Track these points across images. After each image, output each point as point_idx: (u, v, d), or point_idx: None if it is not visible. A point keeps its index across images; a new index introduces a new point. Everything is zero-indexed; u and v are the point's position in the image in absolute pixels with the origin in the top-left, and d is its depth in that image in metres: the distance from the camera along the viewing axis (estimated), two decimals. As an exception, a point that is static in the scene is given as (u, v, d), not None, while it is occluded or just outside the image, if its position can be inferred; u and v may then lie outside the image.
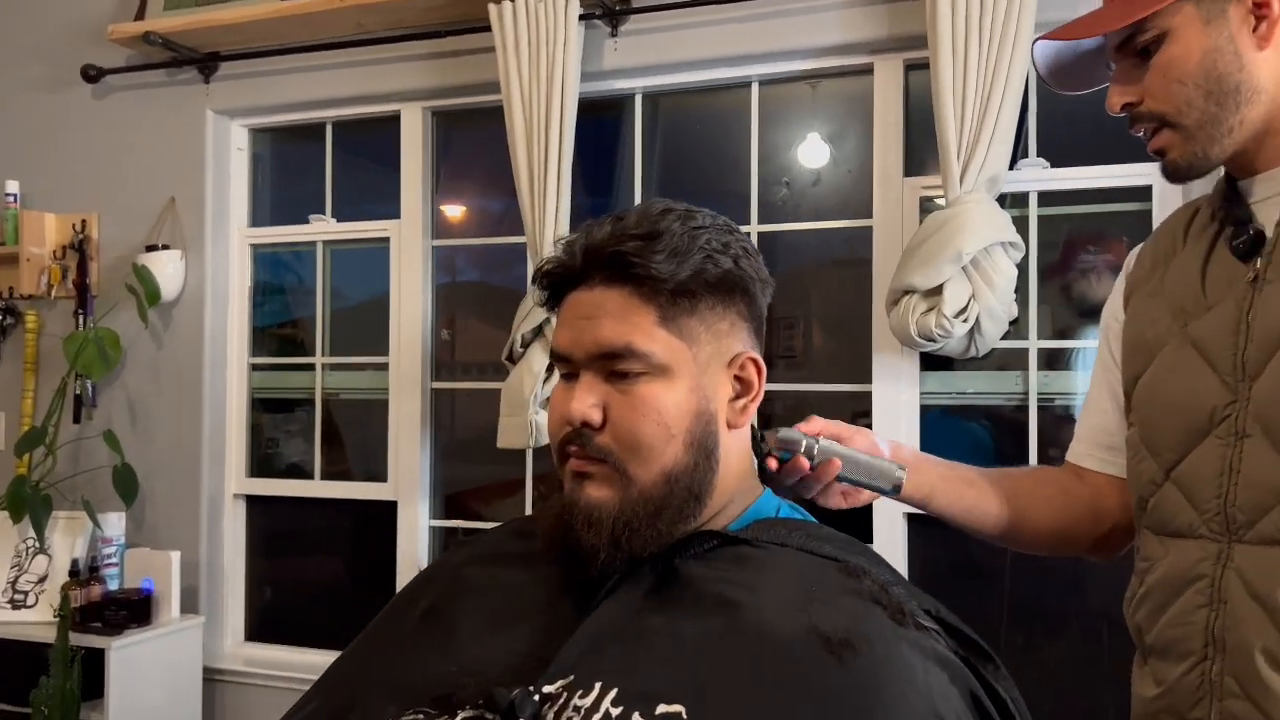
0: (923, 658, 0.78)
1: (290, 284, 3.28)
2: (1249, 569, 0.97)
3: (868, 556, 0.92)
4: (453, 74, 2.84)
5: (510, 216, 2.86)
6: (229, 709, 3.04)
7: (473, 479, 3.12)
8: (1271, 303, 0.99)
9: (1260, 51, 1.00)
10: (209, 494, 3.08)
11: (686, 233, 0.88)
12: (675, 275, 0.86)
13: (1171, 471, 1.06)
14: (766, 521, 0.93)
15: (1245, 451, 0.99)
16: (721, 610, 0.80)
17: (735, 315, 0.92)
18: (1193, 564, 1.02)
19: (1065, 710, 2.37)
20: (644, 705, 0.74)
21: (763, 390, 0.93)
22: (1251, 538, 0.98)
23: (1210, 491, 1.01)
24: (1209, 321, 1.04)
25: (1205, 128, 1.02)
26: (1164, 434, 1.07)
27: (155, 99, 3.13)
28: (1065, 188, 2.41)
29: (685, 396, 0.87)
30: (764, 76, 2.67)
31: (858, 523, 1.55)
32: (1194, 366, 1.04)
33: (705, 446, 0.88)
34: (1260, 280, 1.01)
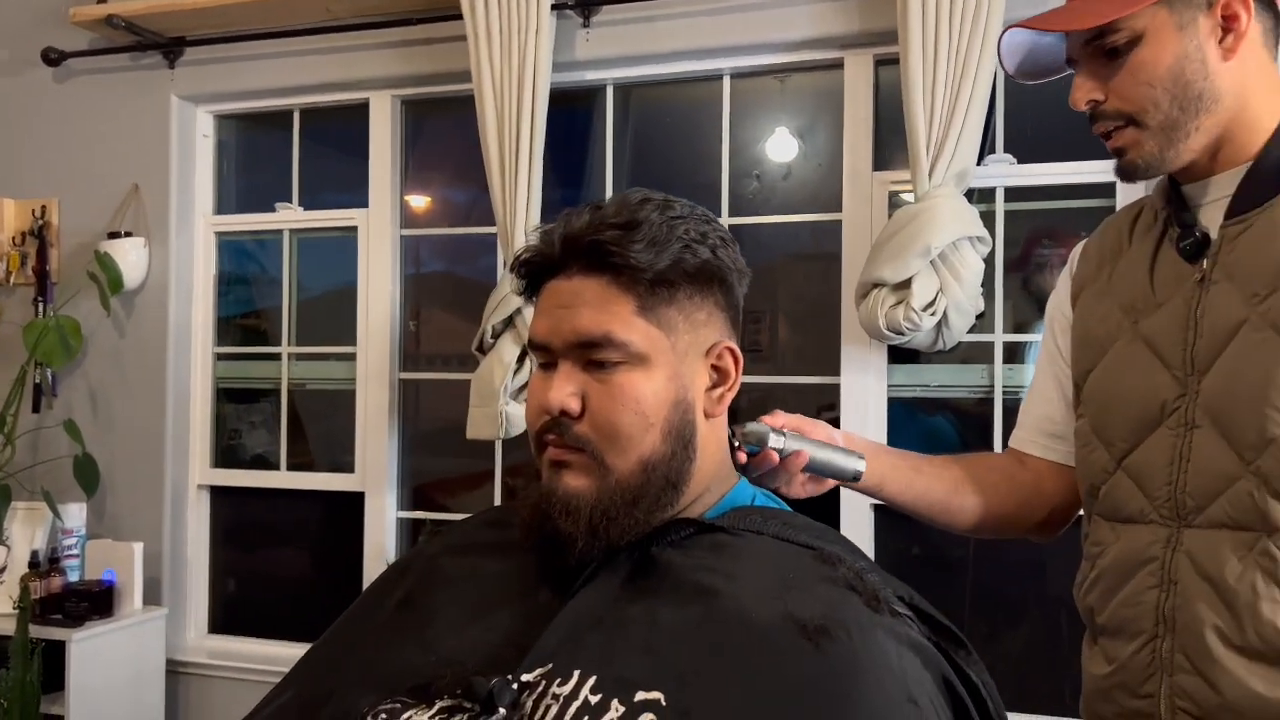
0: (897, 643, 0.79)
1: (255, 273, 3.25)
2: (1198, 551, 1.03)
3: (842, 544, 0.93)
4: (423, 62, 2.82)
5: (478, 207, 2.86)
6: (192, 702, 3.01)
7: (440, 471, 3.11)
8: (1219, 301, 1.04)
9: (1224, 63, 1.04)
10: (172, 485, 3.05)
11: (665, 222, 0.88)
12: (654, 265, 0.86)
13: (1123, 461, 1.11)
14: (742, 510, 0.94)
15: (1195, 442, 1.04)
16: (699, 598, 0.80)
17: (713, 305, 0.92)
18: (1144, 548, 1.08)
19: (1026, 694, 2.42)
20: (623, 692, 0.74)
21: (739, 380, 0.94)
22: (1201, 522, 1.03)
23: (1161, 479, 1.07)
24: (1159, 319, 1.09)
25: (1167, 131, 1.05)
26: (1116, 425, 1.12)
27: (118, 83, 3.08)
28: (1031, 183, 2.44)
29: (663, 386, 0.87)
30: (735, 70, 2.68)
31: (825, 514, 1.56)
32: (1145, 361, 1.10)
33: (683, 435, 0.89)
34: (1207, 280, 1.06)
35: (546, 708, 0.76)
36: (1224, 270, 1.05)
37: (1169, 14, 1.03)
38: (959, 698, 0.81)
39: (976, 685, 0.83)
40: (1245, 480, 1.00)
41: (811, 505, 1.12)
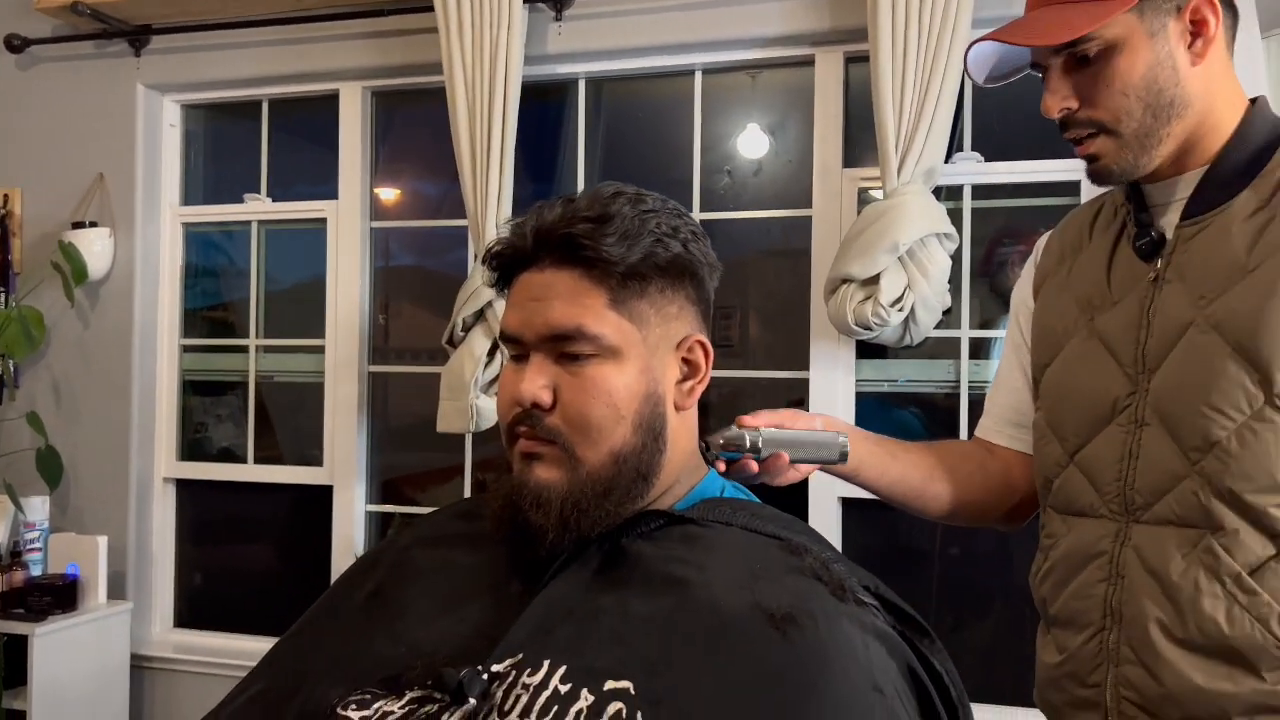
0: (862, 632, 0.80)
1: (223, 265, 3.22)
2: (1145, 547, 1.05)
3: (809, 535, 0.94)
4: (393, 54, 2.80)
5: (449, 200, 2.85)
6: (157, 696, 2.99)
7: (410, 465, 3.10)
8: (1170, 301, 1.06)
9: (1193, 67, 1.05)
10: (138, 478, 3.02)
11: (637, 216, 0.88)
12: (626, 258, 0.87)
13: (1075, 455, 1.13)
14: (711, 501, 0.94)
15: (1144, 439, 1.06)
16: (670, 589, 0.81)
17: (684, 299, 0.92)
18: (1094, 541, 1.10)
19: (991, 685, 2.45)
20: (592, 681, 0.75)
21: (710, 373, 0.95)
22: (1148, 518, 1.05)
23: (1111, 475, 1.09)
24: (1113, 316, 1.11)
25: (1140, 138, 1.06)
26: (1069, 420, 1.14)
27: (83, 71, 3.04)
28: (998, 181, 2.47)
29: (635, 378, 0.88)
30: (707, 65, 2.68)
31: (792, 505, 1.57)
32: (1099, 358, 1.12)
33: (653, 428, 0.89)
34: (1160, 280, 1.08)
35: (516, 698, 0.76)
36: (1176, 271, 1.07)
37: (1139, 21, 1.03)
38: (923, 685, 0.82)
39: (940, 673, 0.85)
40: (1191, 479, 1.02)
41: (779, 497, 1.13)
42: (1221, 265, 1.03)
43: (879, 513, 2.53)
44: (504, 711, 0.76)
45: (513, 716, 0.75)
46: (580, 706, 0.74)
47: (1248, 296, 1.00)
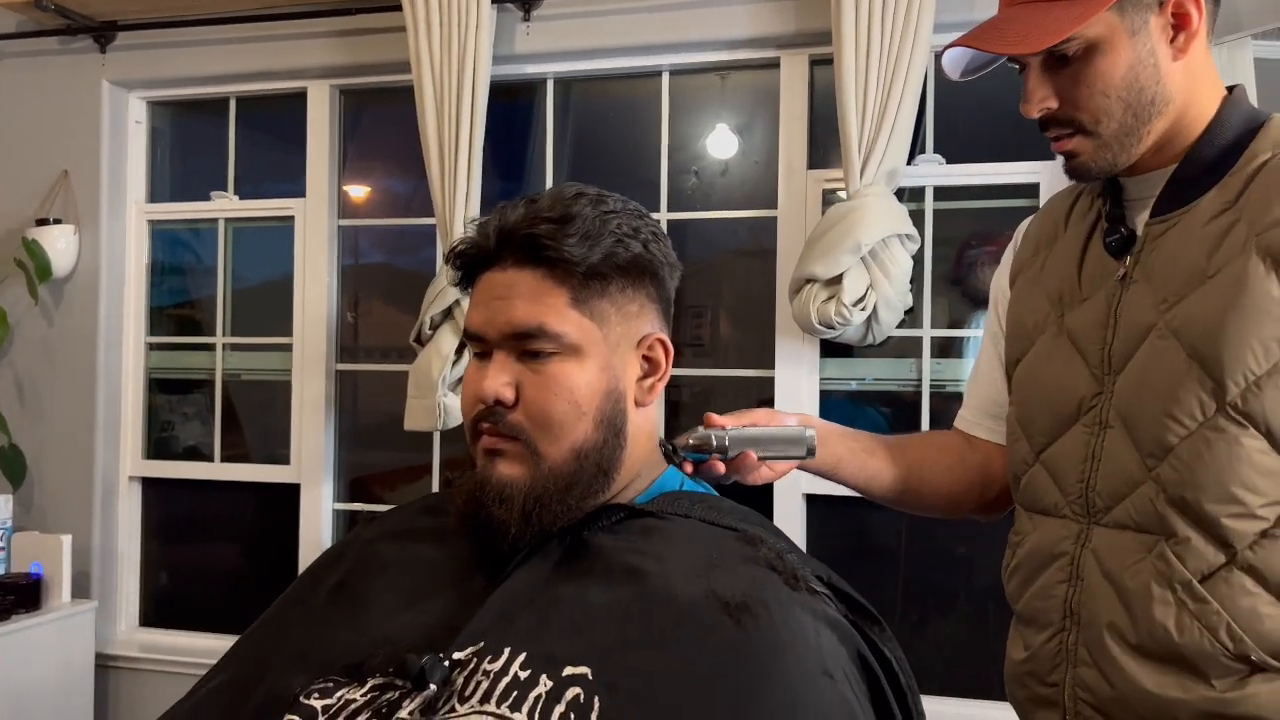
0: (814, 620, 0.82)
1: (190, 263, 3.20)
2: (1103, 550, 1.05)
3: (765, 527, 0.96)
4: (362, 52, 2.81)
5: (418, 198, 2.85)
6: (123, 696, 2.97)
7: (379, 464, 3.10)
8: (1135, 301, 1.05)
9: (1174, 63, 1.03)
10: (103, 476, 3.00)
11: (598, 217, 0.90)
12: (587, 258, 0.89)
13: (1042, 453, 1.13)
14: (671, 495, 0.97)
15: (1106, 441, 1.05)
16: (629, 579, 0.83)
17: (645, 298, 0.95)
18: (1056, 541, 1.10)
19: (955, 678, 2.49)
20: (551, 667, 0.77)
21: (670, 370, 0.97)
22: (1108, 522, 1.05)
23: (1074, 476, 1.08)
24: (1082, 313, 1.10)
25: (1120, 138, 1.04)
26: (1037, 418, 1.14)
27: (48, 67, 3.02)
28: (959, 183, 2.51)
29: (596, 376, 0.90)
30: (674, 66, 2.71)
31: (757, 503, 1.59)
32: (1067, 356, 1.11)
33: (614, 424, 0.91)
34: (1128, 279, 1.07)
35: (477, 684, 0.77)
36: (1143, 270, 1.05)
37: (1120, 19, 1.00)
38: (873, 671, 0.85)
39: (889, 659, 0.87)
40: (1147, 485, 1.02)
41: (746, 495, 1.15)
42: (1183, 268, 1.02)
43: (843, 509, 2.56)
44: (464, 697, 0.77)
45: (473, 702, 0.77)
46: (539, 692, 0.76)
47: (1205, 303, 0.99)
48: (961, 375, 2.55)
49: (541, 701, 0.75)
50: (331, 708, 0.80)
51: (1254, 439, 0.97)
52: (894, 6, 2.25)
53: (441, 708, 0.78)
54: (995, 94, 2.71)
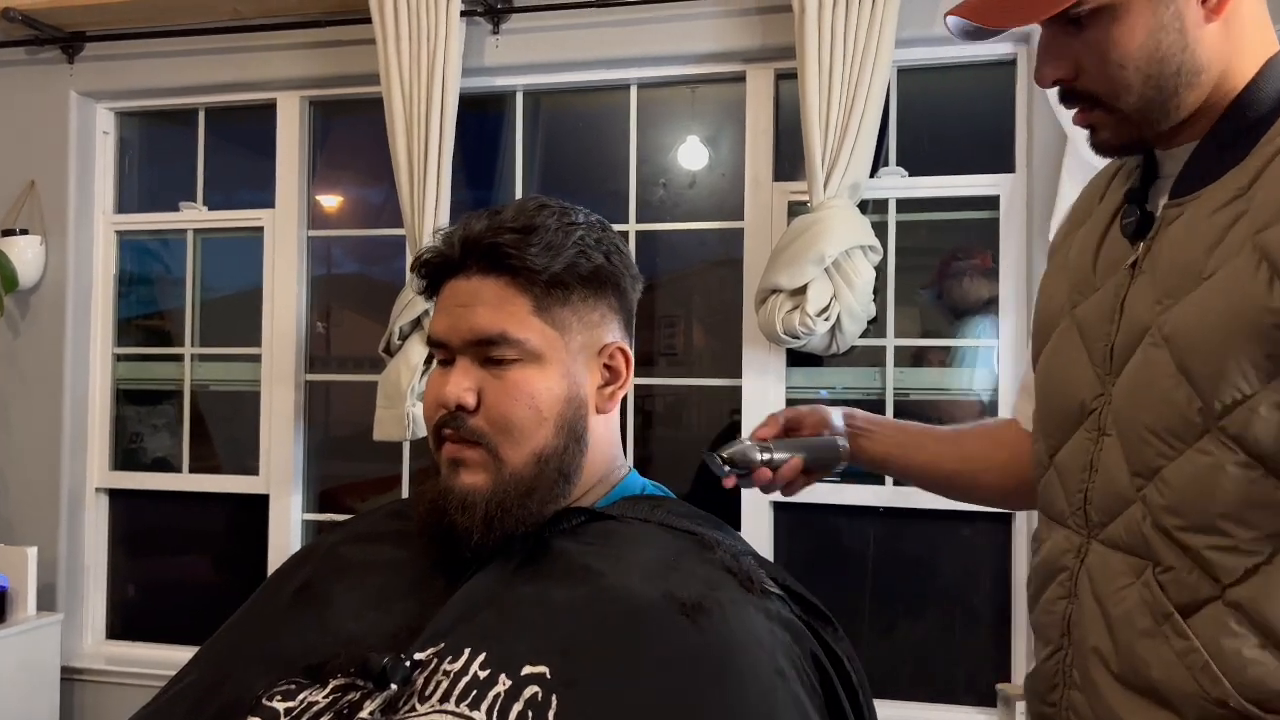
0: (767, 620, 0.84)
1: (158, 274, 3.19)
2: (1096, 569, 0.95)
3: (722, 530, 0.99)
4: (331, 64, 2.82)
5: (389, 208, 2.86)
6: (88, 709, 2.95)
7: (348, 475, 3.10)
8: (1140, 294, 0.93)
9: (1207, 25, 0.89)
10: (69, 488, 2.98)
11: (561, 228, 0.93)
12: (549, 267, 0.91)
13: (1054, 457, 1.03)
14: (631, 499, 0.99)
15: (1104, 450, 0.94)
16: (588, 580, 0.85)
17: (606, 307, 0.97)
18: (1060, 554, 1.00)
19: (921, 683, 2.52)
20: (510, 667, 0.79)
21: (630, 379, 0.99)
22: (1103, 538, 0.95)
23: (1075, 485, 0.98)
24: (1091, 305, 0.99)
25: (1143, 112, 0.91)
26: (1051, 418, 1.03)
27: (14, 78, 3.01)
28: (922, 195, 2.56)
29: (557, 382, 0.92)
30: (642, 80, 2.74)
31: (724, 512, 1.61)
32: (1075, 352, 1.00)
33: (575, 430, 0.93)
34: (1138, 268, 0.94)
35: (437, 684, 0.79)
36: (1152, 260, 0.93)
37: None
38: (825, 669, 0.88)
39: (841, 658, 0.90)
40: (1137, 505, 0.91)
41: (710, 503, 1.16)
42: (1182, 264, 0.89)
43: (811, 517, 2.59)
44: (424, 697, 0.79)
45: (433, 701, 0.78)
46: (498, 690, 0.77)
47: (1197, 309, 0.86)
48: (927, 384, 2.60)
49: (500, 700, 0.77)
50: (294, 710, 0.81)
51: (1243, 467, 0.84)
52: (857, 22, 2.29)
53: (402, 707, 0.79)
54: (957, 108, 2.77)
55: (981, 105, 2.57)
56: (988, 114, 2.54)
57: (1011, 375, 2.46)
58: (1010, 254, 2.48)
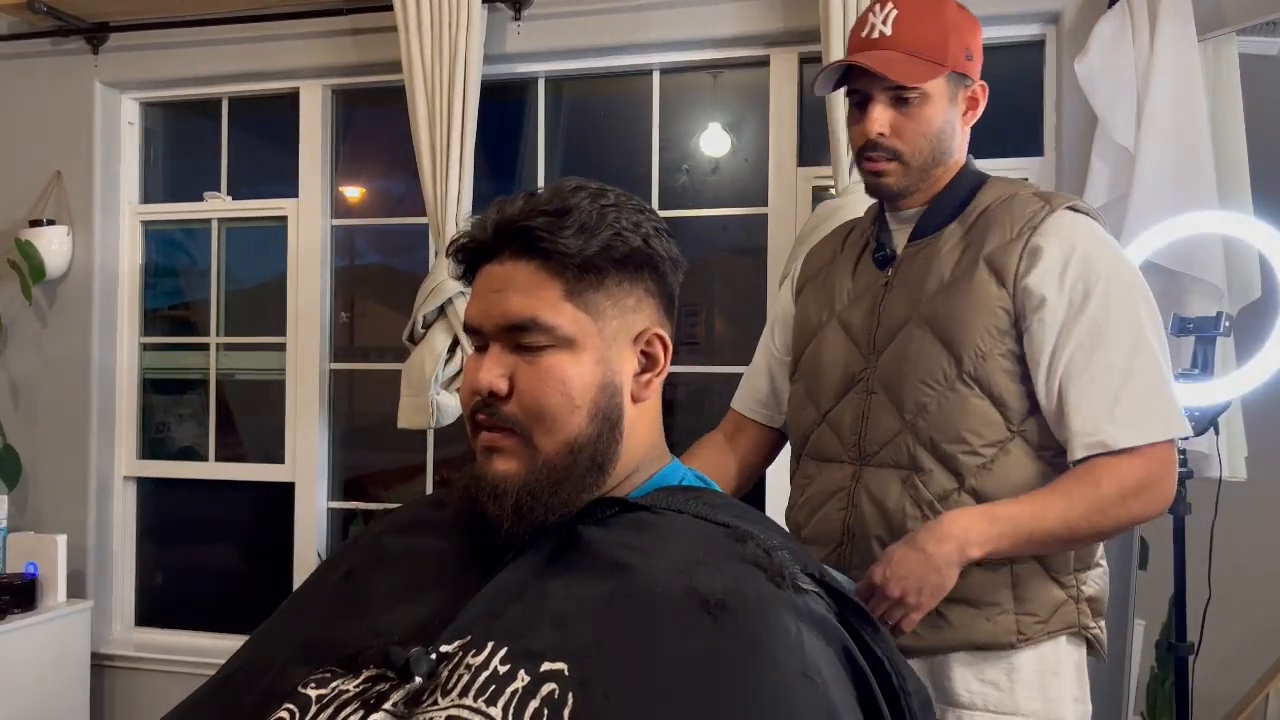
0: (797, 618, 0.81)
1: (183, 264, 3.21)
2: (872, 484, 1.38)
3: (761, 522, 0.96)
4: (354, 52, 2.82)
5: (411, 198, 2.86)
6: (118, 695, 2.98)
7: (373, 464, 3.11)
8: (894, 299, 1.41)
9: (962, 131, 1.41)
10: (97, 476, 3.01)
11: (596, 210, 0.90)
12: (582, 251, 0.88)
13: (826, 415, 1.45)
14: (667, 489, 0.96)
15: (872, 404, 1.40)
16: (614, 573, 0.83)
17: (643, 292, 0.94)
18: (838, 481, 1.42)
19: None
20: (530, 663, 0.77)
21: (668, 366, 0.96)
22: (874, 463, 1.39)
23: (850, 431, 1.42)
24: (853, 310, 1.45)
25: (920, 172, 1.38)
26: (822, 389, 1.46)
27: (40, 69, 3.03)
28: (948, 180, 2.52)
29: (590, 369, 0.89)
30: (664, 65, 2.72)
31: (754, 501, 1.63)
32: (843, 342, 1.45)
33: (609, 418, 0.91)
34: (890, 285, 1.42)
35: (459, 677, 0.78)
36: (900, 279, 1.41)
37: (946, 86, 1.36)
38: (860, 670, 0.84)
39: (880, 660, 0.86)
40: (904, 434, 1.36)
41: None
42: (932, 278, 1.37)
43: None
44: (447, 690, 0.78)
45: (453, 695, 0.77)
46: (516, 686, 0.76)
47: (947, 300, 1.34)
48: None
49: (518, 696, 0.76)
50: (325, 697, 0.81)
51: (979, 398, 1.33)
52: (882, 4, 2.26)
53: (425, 700, 0.78)
54: (1002, 92, 2.73)
55: (1009, 87, 2.53)
56: (1016, 96, 2.51)
57: (1040, 361, 2.43)
58: (1038, 239, 2.44)
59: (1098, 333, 1.28)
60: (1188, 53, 2.13)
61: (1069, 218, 1.33)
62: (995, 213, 1.36)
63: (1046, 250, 1.30)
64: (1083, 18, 2.35)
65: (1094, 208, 1.40)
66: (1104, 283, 1.29)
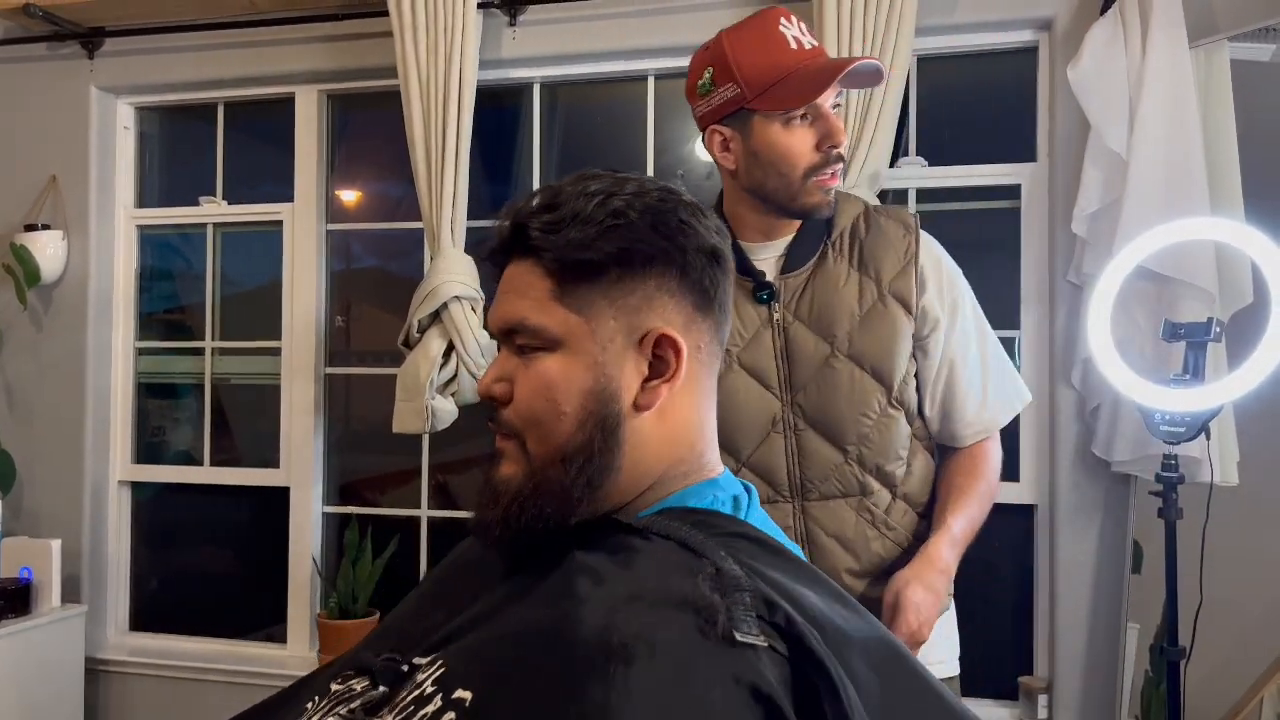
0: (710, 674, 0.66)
1: (179, 268, 3.21)
2: (822, 518, 1.43)
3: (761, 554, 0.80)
4: (349, 57, 2.82)
5: (407, 202, 2.87)
6: (113, 700, 2.98)
7: (368, 468, 3.11)
8: (799, 337, 1.42)
9: None
10: (92, 481, 3.01)
11: (597, 201, 0.83)
12: (572, 246, 0.82)
13: (748, 460, 1.45)
14: (671, 511, 0.85)
15: (801, 442, 1.43)
16: (561, 603, 0.74)
17: (653, 288, 0.84)
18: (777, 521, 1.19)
19: (937, 680, 2.50)
20: (448, 688, 0.73)
21: (683, 372, 0.84)
22: (816, 496, 1.44)
23: (780, 470, 1.44)
24: (752, 353, 1.43)
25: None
26: (738, 436, 1.44)
27: (36, 73, 3.03)
28: (942, 185, 2.53)
29: (580, 373, 0.83)
30: (659, 71, 2.73)
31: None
32: (751, 386, 1.44)
33: (603, 427, 0.83)
34: (784, 322, 1.43)
35: (410, 691, 0.76)
36: (795, 314, 1.42)
37: None
38: None
39: None
40: (846, 464, 1.42)
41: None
42: (840, 311, 1.41)
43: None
44: (393, 704, 0.76)
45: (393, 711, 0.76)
46: (427, 711, 0.72)
47: (868, 335, 1.40)
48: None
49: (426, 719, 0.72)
50: (340, 692, 0.81)
51: (902, 417, 1.44)
52: (876, 9, 2.27)
53: (383, 710, 0.77)
54: (977, 96, 2.75)
55: (1002, 93, 2.54)
56: (1009, 102, 2.52)
57: (1034, 364, 2.44)
58: (1032, 244, 2.45)
59: (966, 336, 1.47)
60: (1180, 59, 2.14)
61: (926, 238, 1.46)
62: (872, 241, 1.43)
63: (929, 273, 1.43)
64: (1075, 24, 2.36)
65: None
66: (959, 290, 1.47)
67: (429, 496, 2.92)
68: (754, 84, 1.35)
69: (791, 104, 1.34)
